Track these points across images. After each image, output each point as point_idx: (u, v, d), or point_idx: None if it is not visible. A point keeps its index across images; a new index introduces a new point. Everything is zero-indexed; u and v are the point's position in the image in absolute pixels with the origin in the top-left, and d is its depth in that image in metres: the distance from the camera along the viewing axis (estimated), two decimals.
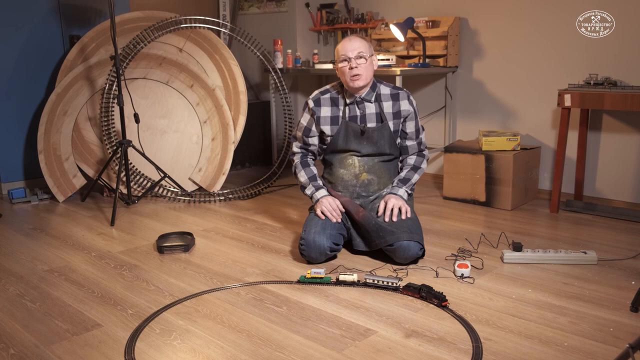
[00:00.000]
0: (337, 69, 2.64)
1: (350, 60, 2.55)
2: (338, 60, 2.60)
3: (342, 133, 2.66)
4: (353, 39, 2.60)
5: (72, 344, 1.88)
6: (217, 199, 3.76)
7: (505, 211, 3.40)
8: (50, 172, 3.68)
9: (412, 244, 2.47)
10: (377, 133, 2.64)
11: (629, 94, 2.98)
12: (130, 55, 3.62)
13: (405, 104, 2.66)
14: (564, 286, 2.29)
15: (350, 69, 2.56)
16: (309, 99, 2.73)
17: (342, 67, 2.58)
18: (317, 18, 4.64)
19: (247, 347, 1.85)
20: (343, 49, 2.59)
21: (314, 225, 2.56)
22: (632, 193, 3.39)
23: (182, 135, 3.90)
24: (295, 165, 2.80)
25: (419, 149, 2.75)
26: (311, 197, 2.70)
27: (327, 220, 2.60)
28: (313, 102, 2.70)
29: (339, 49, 2.60)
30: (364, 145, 2.65)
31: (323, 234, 2.52)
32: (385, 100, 2.66)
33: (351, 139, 2.66)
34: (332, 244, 2.53)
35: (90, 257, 2.72)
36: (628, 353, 1.30)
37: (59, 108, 3.67)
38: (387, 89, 2.68)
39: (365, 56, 2.56)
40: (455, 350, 1.81)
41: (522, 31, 3.65)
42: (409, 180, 2.68)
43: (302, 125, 2.75)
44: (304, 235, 2.54)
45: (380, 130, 2.64)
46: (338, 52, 2.61)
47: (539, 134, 3.69)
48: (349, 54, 2.56)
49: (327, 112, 2.69)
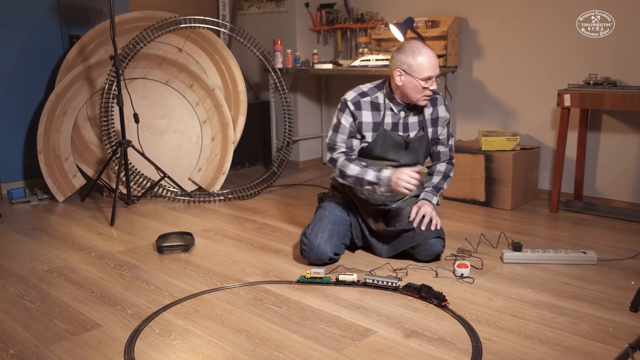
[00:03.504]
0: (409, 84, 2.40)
1: (433, 80, 2.40)
2: (419, 77, 2.37)
3: (379, 142, 2.50)
4: (434, 56, 2.40)
5: (72, 344, 1.88)
6: (217, 199, 3.76)
7: (505, 211, 3.40)
8: (49, 172, 3.68)
9: (437, 241, 2.49)
10: (418, 143, 2.54)
11: (629, 94, 2.98)
12: (129, 55, 3.62)
13: (442, 109, 2.59)
14: (564, 286, 2.29)
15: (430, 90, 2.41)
16: (348, 100, 2.48)
17: (420, 85, 2.39)
18: (317, 18, 4.64)
19: (247, 347, 1.85)
20: (430, 66, 2.37)
21: (322, 230, 2.53)
22: (631, 193, 3.39)
23: (182, 135, 3.90)
24: (342, 163, 2.47)
25: (450, 157, 2.70)
26: (377, 180, 2.40)
27: (336, 227, 2.56)
28: (353, 105, 2.47)
29: (424, 68, 2.36)
30: (402, 155, 2.53)
31: (329, 242, 2.51)
32: (427, 107, 2.56)
33: (389, 149, 2.52)
34: (333, 254, 2.53)
35: (90, 257, 2.72)
36: (628, 353, 1.30)
37: (58, 108, 3.67)
38: None
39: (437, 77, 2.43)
40: (455, 350, 1.81)
41: (521, 31, 3.65)
42: (440, 189, 2.64)
43: (345, 127, 2.49)
44: (310, 237, 2.52)
45: (421, 140, 2.55)
46: (421, 69, 2.36)
47: (539, 134, 3.69)
48: (436, 71, 2.39)
49: (369, 117, 2.49)
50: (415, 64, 2.38)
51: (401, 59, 2.41)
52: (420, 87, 2.40)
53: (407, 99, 2.47)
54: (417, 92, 2.42)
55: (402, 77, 2.42)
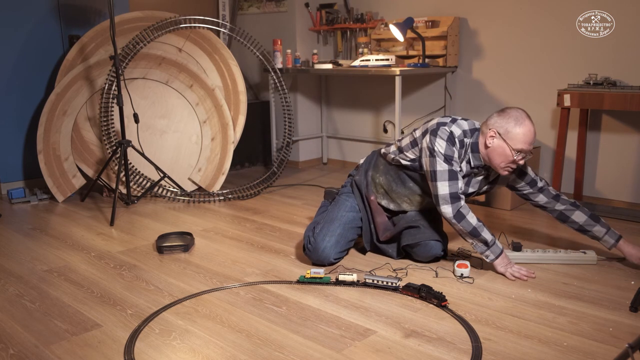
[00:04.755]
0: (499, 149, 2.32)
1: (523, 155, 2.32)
2: (513, 146, 2.29)
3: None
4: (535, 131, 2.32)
5: (72, 344, 1.88)
6: (217, 199, 3.75)
7: (504, 211, 3.40)
8: (49, 172, 3.68)
9: (436, 243, 2.48)
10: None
11: (629, 94, 2.98)
12: (129, 55, 3.62)
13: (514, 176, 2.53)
14: (564, 286, 2.29)
15: (515, 162, 2.32)
16: (456, 136, 2.37)
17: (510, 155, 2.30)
18: (317, 18, 4.64)
19: (247, 347, 1.85)
20: (528, 140, 2.29)
21: (330, 235, 2.51)
22: (631, 193, 3.39)
23: (182, 135, 3.90)
24: (463, 209, 2.36)
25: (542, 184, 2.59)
26: (492, 244, 2.37)
27: (345, 232, 2.54)
28: (459, 142, 2.38)
29: (525, 139, 2.28)
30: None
31: (334, 248, 2.51)
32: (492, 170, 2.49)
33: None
34: (335, 259, 2.53)
35: (90, 257, 2.72)
36: (627, 353, 1.30)
37: (58, 108, 3.67)
38: None
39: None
40: (455, 350, 1.81)
41: (521, 31, 3.65)
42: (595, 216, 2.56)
43: (456, 159, 2.38)
44: (317, 237, 2.51)
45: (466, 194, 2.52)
46: (520, 140, 2.28)
47: (539, 134, 3.65)
48: (529, 147, 2.31)
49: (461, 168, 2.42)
50: (513, 131, 2.30)
51: (501, 122, 2.34)
52: (510, 157, 2.30)
53: (489, 162, 2.38)
54: (503, 159, 2.33)
55: (495, 140, 2.33)
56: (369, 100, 4.57)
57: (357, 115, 4.67)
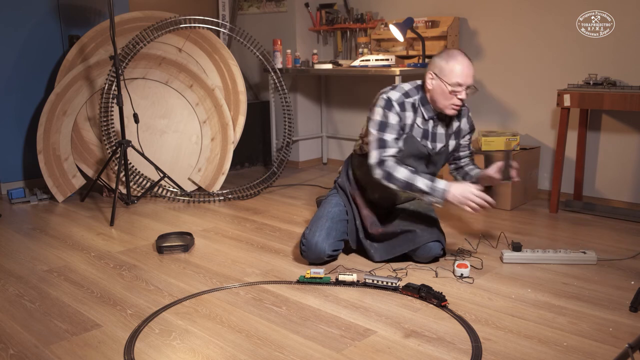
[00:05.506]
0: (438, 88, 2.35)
1: (463, 90, 2.32)
2: (449, 82, 2.30)
3: (404, 145, 2.42)
4: (470, 66, 2.32)
5: (72, 344, 1.88)
6: (217, 199, 3.75)
7: (504, 211, 3.40)
8: (49, 172, 3.68)
9: (436, 244, 2.48)
10: (440, 156, 2.52)
11: (628, 94, 2.98)
12: (129, 55, 3.62)
13: (464, 121, 2.56)
14: (564, 286, 2.29)
15: (459, 98, 2.33)
16: (393, 100, 2.38)
17: (449, 91, 2.32)
18: (317, 18, 4.64)
19: (247, 347, 1.85)
20: (463, 73, 2.30)
21: (320, 229, 2.52)
22: (631, 193, 3.39)
23: (182, 135, 3.90)
24: (389, 166, 2.35)
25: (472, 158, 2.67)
26: (430, 189, 2.32)
27: (334, 225, 2.55)
28: (398, 105, 2.38)
29: (457, 73, 2.29)
30: (421, 165, 2.48)
31: (327, 240, 2.50)
32: (455, 120, 2.53)
33: (410, 158, 2.45)
34: (332, 251, 2.53)
35: (90, 257, 2.72)
36: (627, 353, 1.30)
37: (58, 108, 3.67)
38: None
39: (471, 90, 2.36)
40: (455, 350, 1.81)
41: (521, 31, 3.65)
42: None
43: (393, 125, 2.37)
44: (308, 236, 2.52)
45: (443, 154, 2.53)
46: (453, 74, 2.29)
47: (539, 134, 3.69)
48: (467, 82, 2.31)
49: (409, 119, 2.41)
50: (447, 67, 2.31)
51: (435, 62, 2.36)
52: (447, 93, 2.32)
53: (436, 106, 2.40)
54: (444, 98, 2.34)
55: (433, 81, 2.36)
56: (369, 100, 4.55)
57: (357, 115, 4.67)
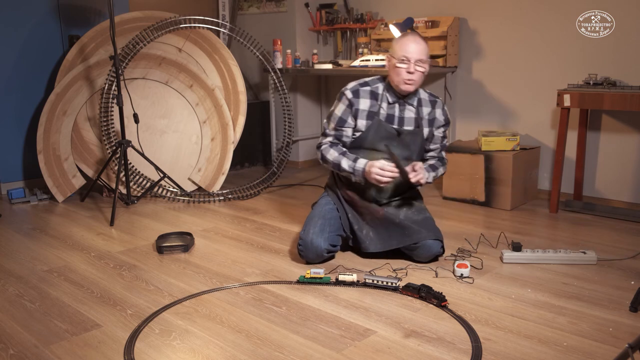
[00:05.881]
0: (389, 65, 2.49)
1: (410, 63, 2.41)
2: (396, 57, 2.43)
3: (372, 132, 2.53)
4: (418, 41, 2.43)
5: (72, 344, 1.88)
6: (217, 199, 3.75)
7: (504, 211, 3.40)
8: (49, 172, 3.68)
9: (435, 242, 2.49)
10: (410, 137, 2.56)
11: (628, 94, 2.98)
12: (129, 55, 3.62)
13: (439, 112, 2.62)
14: (564, 286, 2.29)
15: (409, 72, 2.43)
16: (347, 89, 2.55)
17: (399, 68, 2.43)
18: (317, 18, 4.64)
19: (247, 347, 1.85)
20: (406, 48, 2.41)
21: (313, 226, 2.55)
22: (631, 193, 3.39)
23: (182, 136, 3.90)
24: (324, 149, 2.58)
25: (441, 156, 2.70)
26: (353, 170, 2.49)
27: (326, 221, 2.57)
28: (352, 92, 2.53)
29: (401, 47, 2.42)
30: (394, 147, 2.51)
31: (321, 235, 2.51)
32: (425, 106, 2.59)
33: (381, 140, 2.52)
34: (329, 246, 2.53)
35: (90, 257, 2.72)
36: (627, 353, 1.30)
37: (58, 108, 3.67)
38: (426, 94, 2.62)
39: (426, 64, 2.45)
40: (455, 350, 1.81)
41: (521, 31, 3.65)
42: (436, 169, 2.63)
43: (337, 116, 2.56)
44: (303, 235, 2.54)
45: (414, 135, 2.57)
46: (398, 49, 2.43)
47: (539, 134, 3.69)
48: (412, 55, 2.40)
49: (366, 105, 2.53)
50: (396, 45, 2.47)
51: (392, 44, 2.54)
52: (402, 72, 2.44)
53: (393, 85, 2.52)
54: (396, 74, 2.46)
55: (389, 62, 2.51)
56: None
57: None
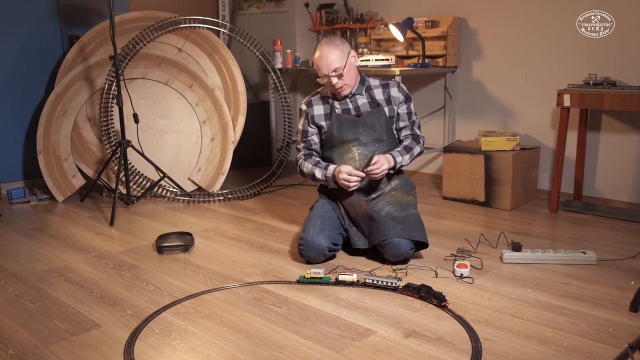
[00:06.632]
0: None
1: (328, 77, 2.56)
2: (318, 74, 2.60)
3: (335, 126, 2.64)
4: (324, 55, 2.54)
5: (72, 344, 1.88)
6: (217, 199, 3.75)
7: (504, 211, 3.40)
8: (49, 172, 3.68)
9: (402, 241, 2.46)
10: (372, 117, 2.63)
11: (628, 94, 2.98)
12: (129, 56, 3.62)
13: (395, 91, 2.69)
14: (563, 286, 2.29)
15: (331, 84, 2.58)
16: (302, 104, 2.75)
17: (324, 81, 2.60)
18: (317, 18, 4.64)
19: (247, 347, 1.85)
20: (318, 66, 2.57)
21: (313, 225, 2.56)
22: (631, 193, 3.39)
23: (182, 136, 3.90)
24: (300, 163, 2.73)
25: (414, 133, 2.72)
26: (325, 178, 2.62)
27: (325, 220, 2.59)
28: (305, 105, 2.73)
29: (315, 65, 2.59)
30: (360, 132, 2.62)
31: (322, 234, 2.52)
32: (376, 89, 2.69)
33: (346, 128, 2.63)
34: (330, 244, 2.53)
35: (90, 257, 2.72)
36: (627, 353, 1.30)
37: (58, 108, 3.67)
38: (376, 81, 2.72)
39: (341, 71, 2.55)
40: (455, 350, 1.81)
41: (521, 31, 3.65)
42: (411, 150, 2.65)
43: (300, 130, 2.76)
44: (303, 235, 2.54)
45: (376, 115, 2.64)
46: (317, 67, 2.59)
47: (538, 134, 3.69)
48: (324, 71, 2.56)
49: (320, 109, 2.70)
50: (314, 64, 2.61)
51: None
52: (328, 84, 2.60)
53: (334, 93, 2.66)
54: (327, 86, 2.64)
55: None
56: None
57: None
